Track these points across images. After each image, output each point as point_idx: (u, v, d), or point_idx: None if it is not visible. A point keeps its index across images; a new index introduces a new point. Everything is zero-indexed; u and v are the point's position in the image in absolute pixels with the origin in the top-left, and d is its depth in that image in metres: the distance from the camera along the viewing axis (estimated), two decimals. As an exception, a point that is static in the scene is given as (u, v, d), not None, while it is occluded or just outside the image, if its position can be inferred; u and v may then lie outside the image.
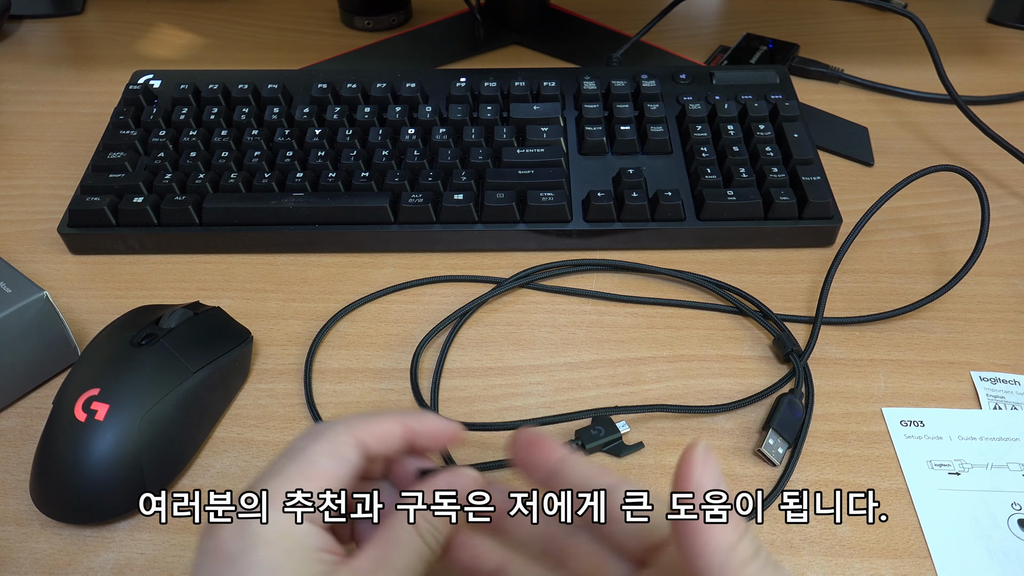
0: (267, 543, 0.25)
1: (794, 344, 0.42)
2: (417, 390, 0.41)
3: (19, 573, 0.34)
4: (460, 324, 0.44)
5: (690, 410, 0.39)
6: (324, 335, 0.44)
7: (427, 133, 0.51)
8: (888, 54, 0.65)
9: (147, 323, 0.39)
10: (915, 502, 0.36)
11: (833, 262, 0.46)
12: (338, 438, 0.27)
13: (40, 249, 0.49)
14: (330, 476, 0.26)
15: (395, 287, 0.46)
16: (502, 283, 0.46)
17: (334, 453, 0.27)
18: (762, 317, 0.44)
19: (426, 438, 0.29)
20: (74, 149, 0.56)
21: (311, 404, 0.40)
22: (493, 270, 0.47)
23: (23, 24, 0.71)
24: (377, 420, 0.28)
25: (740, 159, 0.49)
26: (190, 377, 0.37)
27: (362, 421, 0.28)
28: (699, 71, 0.56)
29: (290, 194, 0.47)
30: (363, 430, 0.28)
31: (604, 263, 0.47)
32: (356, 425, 0.28)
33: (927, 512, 0.36)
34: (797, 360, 0.41)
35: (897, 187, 0.46)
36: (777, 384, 0.41)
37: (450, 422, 0.30)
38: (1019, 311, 0.45)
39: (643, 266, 0.47)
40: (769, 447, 0.38)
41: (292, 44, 0.68)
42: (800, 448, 0.38)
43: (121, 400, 0.36)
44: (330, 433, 0.27)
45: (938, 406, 0.40)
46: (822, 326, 0.44)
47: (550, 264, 0.47)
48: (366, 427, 0.28)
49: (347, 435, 0.27)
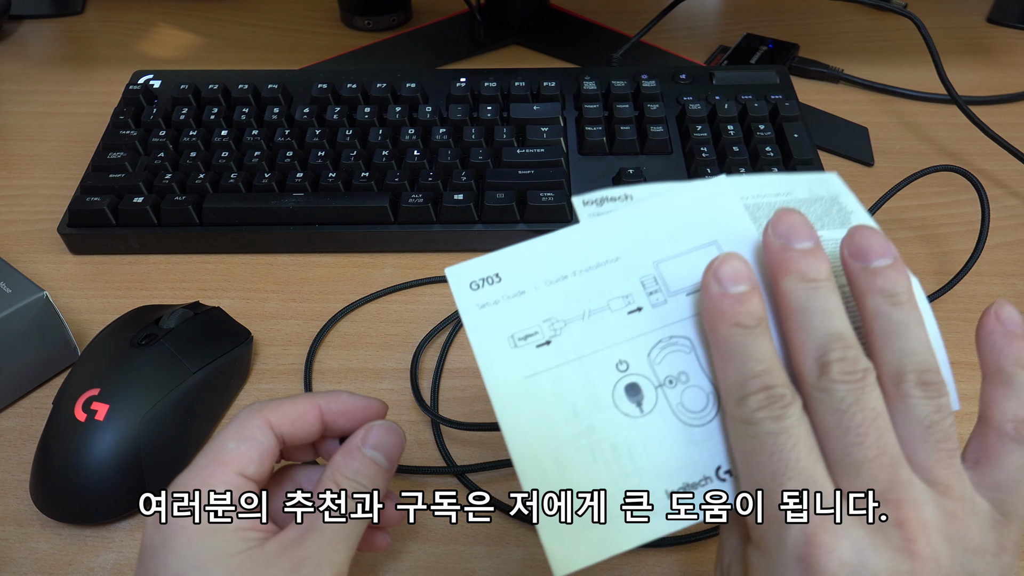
0: (184, 529, 0.26)
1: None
2: (417, 390, 0.41)
3: (19, 573, 0.34)
4: (460, 324, 0.44)
5: None
6: (324, 335, 0.44)
7: (427, 133, 0.51)
8: (888, 54, 0.65)
9: (147, 323, 0.39)
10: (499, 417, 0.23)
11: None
12: (246, 421, 0.28)
13: (40, 249, 0.49)
14: (239, 459, 0.27)
15: (395, 287, 0.46)
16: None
17: (242, 436, 0.27)
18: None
19: (343, 417, 0.29)
20: (74, 149, 0.56)
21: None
22: (493, 270, 0.47)
23: (23, 24, 0.71)
24: (288, 402, 0.29)
25: (740, 159, 0.49)
26: (190, 377, 0.38)
27: (272, 404, 0.29)
28: (699, 71, 0.56)
29: (290, 194, 0.47)
30: (272, 412, 0.28)
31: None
32: (265, 408, 0.28)
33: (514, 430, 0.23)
34: None
35: (897, 187, 0.46)
36: None
37: (367, 399, 0.30)
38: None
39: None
40: None
41: (292, 44, 0.68)
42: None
43: (121, 400, 0.36)
44: (239, 418, 0.28)
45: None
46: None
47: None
48: (276, 410, 0.28)
49: (255, 418, 0.28)
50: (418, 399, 0.40)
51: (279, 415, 0.28)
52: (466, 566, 0.35)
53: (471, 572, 0.34)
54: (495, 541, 0.35)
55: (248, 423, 0.28)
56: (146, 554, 0.26)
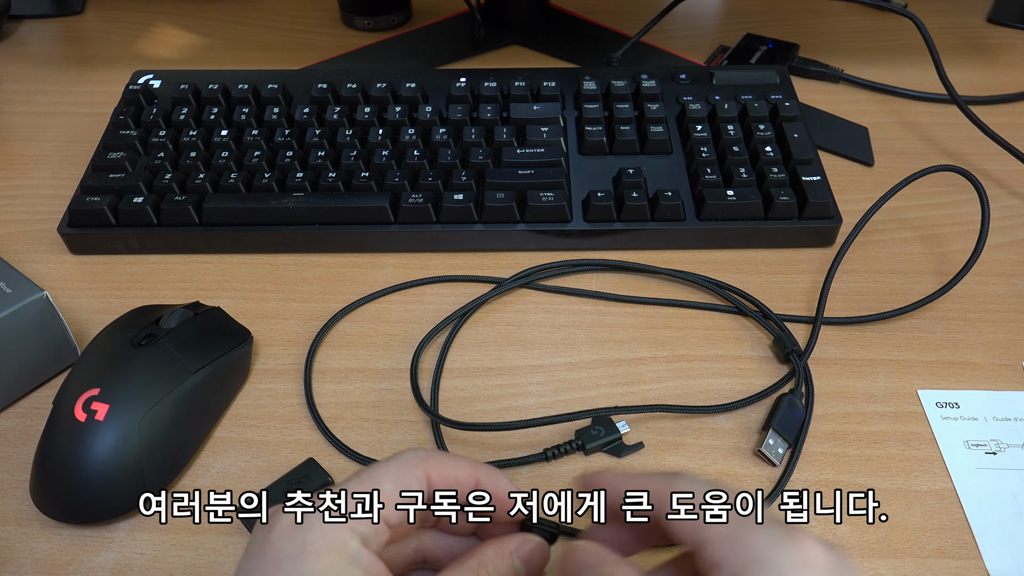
0: (318, 554, 0.24)
1: (794, 344, 0.42)
2: (417, 390, 0.41)
3: (19, 573, 0.34)
4: (460, 324, 0.44)
5: (690, 410, 0.39)
6: (324, 335, 0.44)
7: (427, 133, 0.51)
8: (888, 54, 0.65)
9: (147, 323, 0.39)
10: (954, 480, 0.37)
11: (833, 262, 0.46)
12: (408, 469, 0.27)
13: (40, 249, 0.49)
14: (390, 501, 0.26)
15: (395, 287, 0.46)
16: (502, 283, 0.46)
17: (400, 481, 0.27)
18: (762, 317, 0.44)
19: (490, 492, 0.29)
20: (74, 149, 0.56)
21: (311, 404, 0.40)
22: (493, 270, 0.47)
23: (23, 24, 0.71)
24: (452, 461, 0.28)
25: (740, 159, 0.49)
26: (190, 377, 0.37)
27: (437, 458, 0.28)
28: (699, 71, 0.56)
29: (290, 194, 0.47)
30: (434, 466, 0.28)
31: (605, 263, 0.47)
32: (430, 459, 0.28)
33: (967, 490, 0.36)
34: (797, 360, 0.41)
35: (897, 187, 0.46)
36: (777, 384, 0.41)
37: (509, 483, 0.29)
38: (1019, 311, 0.45)
39: (643, 266, 0.47)
40: (769, 447, 0.38)
41: (292, 44, 0.68)
42: (800, 448, 0.38)
43: (121, 400, 0.36)
44: (402, 461, 0.27)
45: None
46: (822, 326, 0.44)
47: (550, 264, 0.47)
48: (438, 464, 0.28)
49: (418, 468, 0.27)
50: (418, 399, 0.40)
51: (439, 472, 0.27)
52: (466, 566, 0.35)
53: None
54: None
55: (409, 470, 0.27)
56: (268, 559, 0.25)
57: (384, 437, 0.39)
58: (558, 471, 0.38)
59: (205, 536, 0.36)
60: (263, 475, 0.38)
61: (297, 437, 0.39)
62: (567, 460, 0.38)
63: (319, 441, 0.39)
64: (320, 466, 0.37)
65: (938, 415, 0.39)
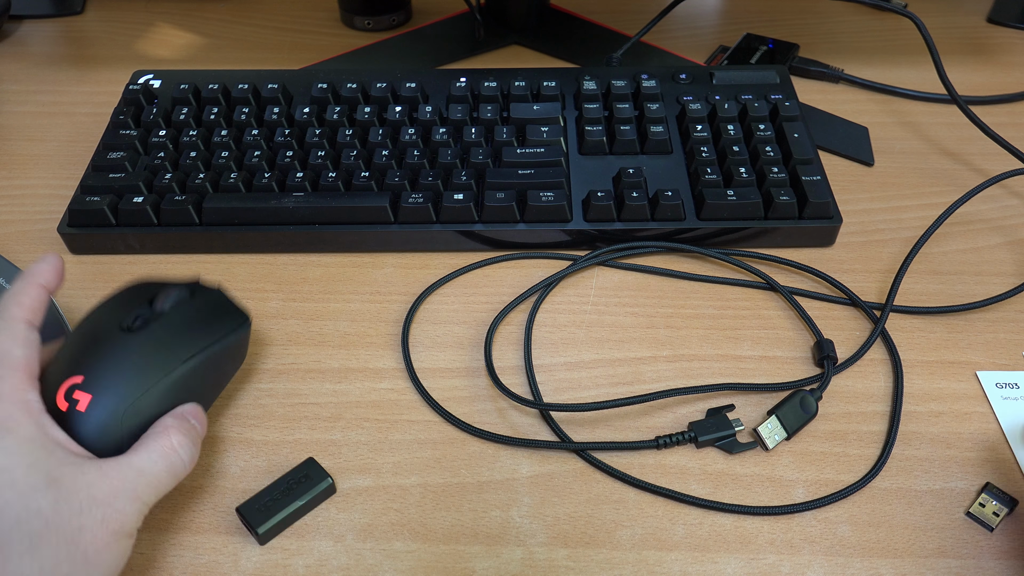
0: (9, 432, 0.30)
1: (831, 350, 0.42)
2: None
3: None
4: (541, 298, 0.44)
5: (756, 388, 0.40)
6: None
7: (427, 133, 0.51)
8: (888, 54, 0.65)
9: (141, 304, 0.37)
10: (1018, 458, 0.38)
11: (909, 254, 0.46)
12: (17, 327, 0.32)
13: (40, 249, 0.49)
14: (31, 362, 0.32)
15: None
16: (577, 261, 0.46)
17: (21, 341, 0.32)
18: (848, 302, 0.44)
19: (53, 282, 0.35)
20: (74, 149, 0.56)
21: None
22: (493, 269, 0.47)
23: (23, 24, 0.71)
24: (27, 295, 0.33)
25: (740, 159, 0.49)
26: (180, 366, 0.35)
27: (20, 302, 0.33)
28: (699, 71, 0.56)
29: (290, 194, 0.47)
30: (27, 310, 0.33)
31: (658, 245, 0.48)
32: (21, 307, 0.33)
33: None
34: (831, 366, 0.41)
35: (978, 188, 0.47)
36: (805, 380, 0.41)
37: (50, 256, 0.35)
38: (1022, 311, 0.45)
39: (697, 249, 0.47)
40: (768, 430, 0.38)
41: (292, 44, 0.68)
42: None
43: (105, 390, 0.33)
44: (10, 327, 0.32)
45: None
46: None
47: (593, 253, 0.47)
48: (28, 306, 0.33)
49: (22, 322, 0.32)
50: (496, 384, 0.40)
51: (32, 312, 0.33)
52: (466, 565, 0.35)
53: (471, 572, 0.34)
54: (495, 541, 0.35)
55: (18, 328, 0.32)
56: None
57: (384, 437, 0.39)
58: (667, 461, 0.38)
59: (205, 536, 0.36)
60: (263, 475, 0.38)
61: (297, 437, 0.39)
62: (677, 451, 0.39)
63: (319, 441, 0.39)
64: (320, 466, 0.37)
65: (999, 395, 0.41)
